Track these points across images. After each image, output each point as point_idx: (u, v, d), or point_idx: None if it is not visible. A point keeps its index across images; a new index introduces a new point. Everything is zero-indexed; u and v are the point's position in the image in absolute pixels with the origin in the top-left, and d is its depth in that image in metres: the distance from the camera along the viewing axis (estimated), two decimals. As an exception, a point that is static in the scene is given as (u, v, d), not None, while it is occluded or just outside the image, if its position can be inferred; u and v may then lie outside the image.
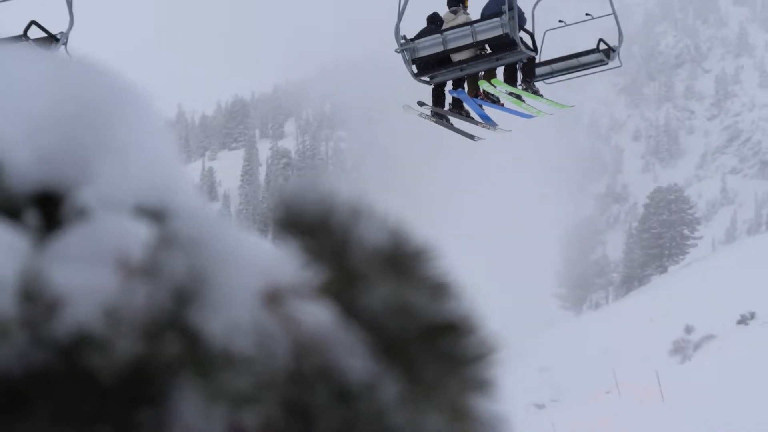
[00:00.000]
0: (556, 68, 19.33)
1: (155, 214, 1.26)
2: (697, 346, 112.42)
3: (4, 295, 1.07)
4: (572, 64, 19.26)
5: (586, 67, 19.43)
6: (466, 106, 22.54)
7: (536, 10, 19.86)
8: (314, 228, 0.97)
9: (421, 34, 21.27)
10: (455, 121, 23.65)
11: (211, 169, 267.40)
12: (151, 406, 1.07)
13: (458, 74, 21.09)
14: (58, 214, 1.29)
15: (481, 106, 22.38)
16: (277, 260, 1.02)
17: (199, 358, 1.01)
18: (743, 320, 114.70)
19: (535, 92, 22.66)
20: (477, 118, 23.26)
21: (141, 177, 1.32)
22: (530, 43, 21.73)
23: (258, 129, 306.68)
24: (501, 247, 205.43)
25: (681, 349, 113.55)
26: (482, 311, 0.99)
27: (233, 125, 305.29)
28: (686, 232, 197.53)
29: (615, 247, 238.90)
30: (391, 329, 0.97)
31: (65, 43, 18.42)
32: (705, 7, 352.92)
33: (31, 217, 1.29)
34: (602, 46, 19.03)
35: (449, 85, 22.16)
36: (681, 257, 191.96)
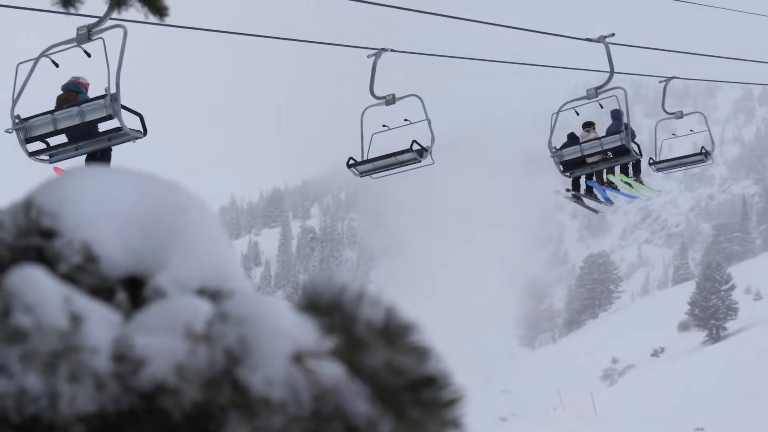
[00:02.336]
0: (378, 165, 18.65)
1: (213, 295, 1.28)
2: (621, 373, 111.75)
3: (101, 357, 1.09)
4: (391, 161, 18.43)
5: (403, 164, 18.66)
6: (595, 191, 24.37)
7: (365, 115, 19.16)
8: (330, 309, 0.99)
9: (564, 146, 22.67)
10: (586, 200, 25.27)
11: (256, 243, 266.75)
12: (209, 437, 1.09)
13: (590, 170, 23.40)
14: (142, 295, 1.31)
15: (604, 190, 24.18)
16: (302, 330, 1.04)
17: (245, 402, 1.03)
18: (655, 353, 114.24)
19: (640, 182, 24.53)
20: (601, 198, 24.89)
21: (202, 266, 1.34)
22: (638, 151, 22.90)
23: (291, 212, 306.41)
24: (475, 298, 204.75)
25: (609, 376, 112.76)
26: (450, 367, 1.01)
27: (272, 209, 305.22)
28: (612, 287, 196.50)
29: (559, 298, 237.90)
30: (385, 382, 0.99)
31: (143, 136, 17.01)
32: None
33: (121, 296, 1.31)
34: (415, 147, 18.33)
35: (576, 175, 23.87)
36: (608, 306, 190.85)
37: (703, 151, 21.78)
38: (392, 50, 17.34)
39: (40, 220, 1.25)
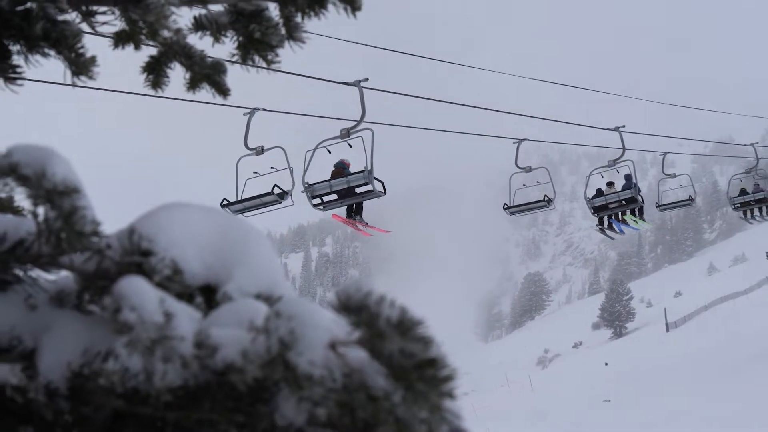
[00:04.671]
0: (247, 205, 17.60)
1: (267, 299, 1.26)
2: (551, 360, 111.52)
3: (187, 344, 1.07)
4: (257, 202, 17.54)
5: (267, 205, 17.51)
6: (613, 225, 25.99)
7: (239, 163, 18.33)
8: (358, 308, 0.98)
9: (594, 197, 24.16)
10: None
11: (285, 264, 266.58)
12: (266, 404, 1.07)
13: (611, 212, 24.83)
14: (215, 299, 1.29)
15: (620, 225, 25.95)
16: (337, 324, 1.03)
17: (293, 378, 1.01)
18: (576, 345, 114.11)
19: (643, 219, 25.98)
20: (616, 230, 26.22)
21: (258, 278, 1.32)
22: (641, 200, 24.15)
23: (311, 241, 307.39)
24: (446, 304, 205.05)
25: (542, 362, 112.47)
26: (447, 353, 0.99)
27: (297, 239, 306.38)
28: (544, 297, 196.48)
29: (506, 305, 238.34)
30: (398, 363, 0.97)
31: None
32: (552, 175, 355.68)
33: (199, 300, 1.29)
34: (277, 191, 17.52)
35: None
36: (542, 311, 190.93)
37: (546, 198, 22.01)
38: (264, 109, 16.33)
39: (141, 243, 1.24)
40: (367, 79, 15.59)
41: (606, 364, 44.63)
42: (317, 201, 18.08)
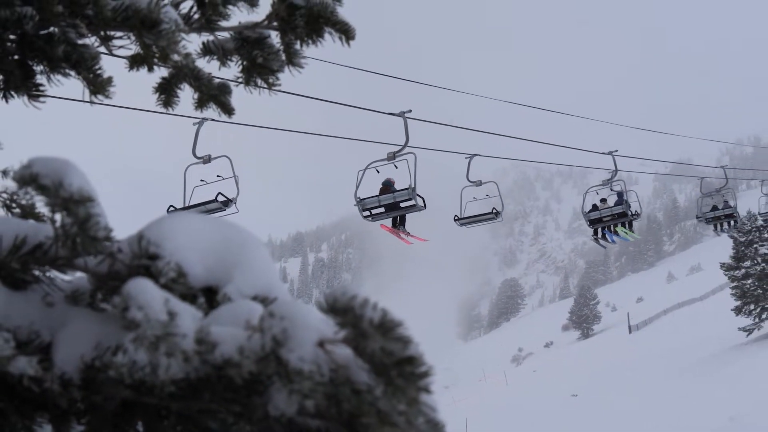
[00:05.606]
0: (192, 212, 16.65)
1: (263, 300, 1.26)
2: (524, 358, 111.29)
3: (188, 340, 1.07)
4: (200, 210, 16.95)
5: (211, 212, 16.72)
6: (606, 236, 26.14)
7: (187, 171, 17.53)
8: (344, 310, 0.98)
9: (590, 211, 24.46)
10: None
11: (284, 268, 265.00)
12: (260, 396, 1.07)
13: (605, 225, 25.10)
14: (215, 299, 1.29)
15: (612, 236, 26.26)
16: (325, 325, 1.02)
17: (285, 373, 1.01)
18: (547, 345, 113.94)
19: (633, 231, 26.37)
20: (609, 240, 26.48)
21: (256, 281, 1.32)
22: (631, 214, 24.51)
23: (308, 247, 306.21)
24: (430, 306, 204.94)
25: (516, 359, 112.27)
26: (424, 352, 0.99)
27: (296, 245, 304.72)
28: (519, 301, 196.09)
29: (484, 308, 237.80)
30: (380, 361, 0.97)
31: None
32: (528, 191, 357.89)
33: (201, 300, 1.29)
34: (221, 198, 17.11)
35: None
36: (517, 313, 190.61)
37: (494, 211, 21.95)
38: (212, 120, 15.55)
39: (148, 248, 1.23)
40: (411, 111, 16.04)
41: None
42: (367, 213, 18.55)
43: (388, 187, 19.52)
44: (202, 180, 17.92)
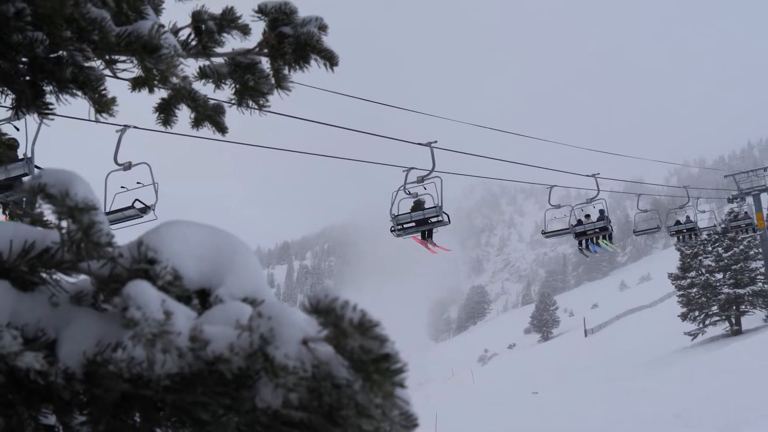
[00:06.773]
0: (111, 218, 14.87)
1: (252, 302, 1.26)
2: (489, 358, 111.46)
3: (183, 338, 1.07)
4: (118, 216, 15.87)
5: (129, 219, 16.16)
6: (590, 246, 26.72)
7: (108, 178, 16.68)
8: (326, 311, 0.98)
9: (575, 225, 25.27)
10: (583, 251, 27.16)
11: (272, 274, 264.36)
12: (248, 389, 1.07)
13: (588, 237, 25.98)
14: (208, 301, 1.29)
15: (594, 246, 26.74)
16: (309, 324, 1.03)
17: (271, 368, 1.01)
18: (510, 346, 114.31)
19: (612, 243, 27.00)
20: (591, 250, 27.00)
21: (245, 284, 1.32)
22: (611, 228, 25.44)
23: (293, 255, 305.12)
24: (404, 309, 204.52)
25: (482, 359, 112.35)
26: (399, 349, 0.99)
27: (282, 253, 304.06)
28: (485, 306, 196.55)
29: (453, 312, 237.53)
30: (359, 358, 0.98)
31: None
32: (494, 206, 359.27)
33: (195, 302, 1.29)
34: (138, 205, 15.87)
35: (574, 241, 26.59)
36: (483, 317, 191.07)
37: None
38: (135, 127, 13.99)
39: (147, 253, 1.23)
40: (436, 141, 16.53)
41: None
42: (398, 227, 19.39)
43: (418, 205, 20.04)
44: (123, 187, 16.92)
